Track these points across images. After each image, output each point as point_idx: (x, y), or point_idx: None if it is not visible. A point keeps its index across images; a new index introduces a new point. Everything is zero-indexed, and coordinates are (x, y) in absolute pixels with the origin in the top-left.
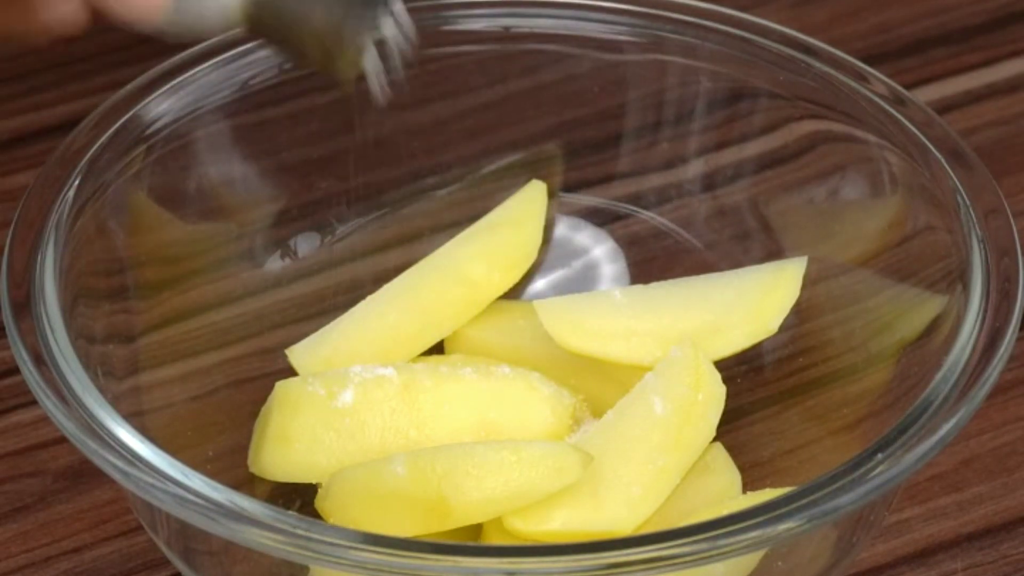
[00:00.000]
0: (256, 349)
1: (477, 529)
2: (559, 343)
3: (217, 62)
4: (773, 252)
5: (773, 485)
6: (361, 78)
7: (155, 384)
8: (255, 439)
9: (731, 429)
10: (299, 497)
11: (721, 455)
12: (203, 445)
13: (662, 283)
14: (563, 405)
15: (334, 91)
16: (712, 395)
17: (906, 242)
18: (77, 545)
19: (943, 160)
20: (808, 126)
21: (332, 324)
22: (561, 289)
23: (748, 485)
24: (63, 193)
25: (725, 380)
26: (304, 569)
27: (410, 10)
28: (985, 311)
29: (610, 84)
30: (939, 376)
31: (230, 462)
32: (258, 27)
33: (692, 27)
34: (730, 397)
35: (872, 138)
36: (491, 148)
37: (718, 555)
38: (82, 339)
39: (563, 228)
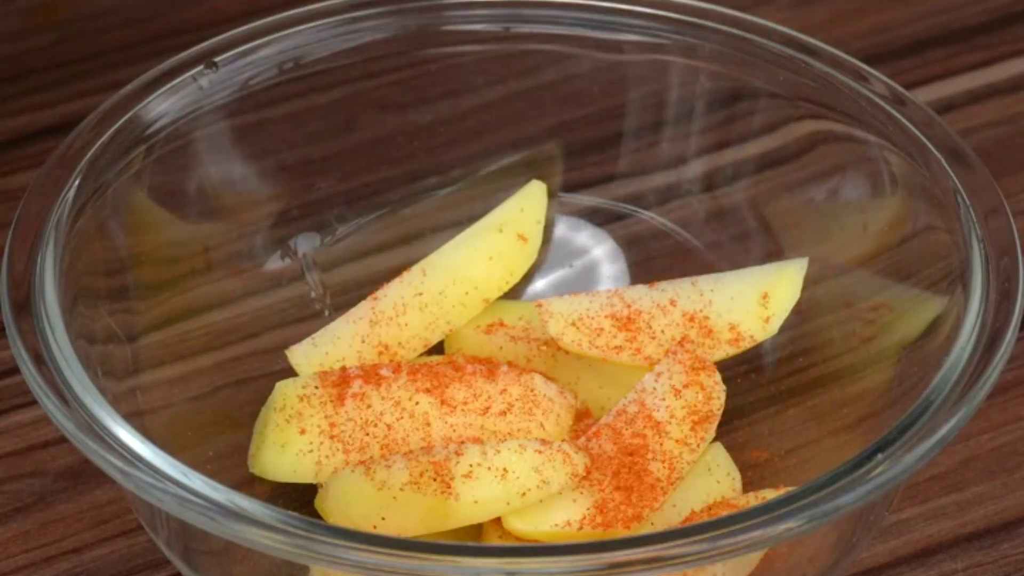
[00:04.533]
0: (256, 349)
1: (477, 529)
2: (559, 343)
3: (217, 62)
4: (773, 252)
5: (773, 485)
6: None
7: (155, 384)
8: (255, 439)
9: (731, 429)
10: (299, 497)
11: (721, 455)
12: (203, 445)
13: (662, 283)
14: (563, 405)
15: (334, 91)
16: (712, 395)
17: (906, 242)
18: (77, 545)
19: (943, 160)
20: (808, 126)
21: (332, 324)
22: (561, 289)
23: (748, 485)
24: (63, 193)
25: (725, 380)
26: (304, 569)
27: (410, 10)
28: (985, 311)
29: (610, 84)
30: (939, 376)
31: (230, 462)
32: None
33: (692, 27)
34: (730, 397)
35: (872, 138)
36: (491, 148)
37: (718, 555)
38: (82, 339)
39: (563, 228)
